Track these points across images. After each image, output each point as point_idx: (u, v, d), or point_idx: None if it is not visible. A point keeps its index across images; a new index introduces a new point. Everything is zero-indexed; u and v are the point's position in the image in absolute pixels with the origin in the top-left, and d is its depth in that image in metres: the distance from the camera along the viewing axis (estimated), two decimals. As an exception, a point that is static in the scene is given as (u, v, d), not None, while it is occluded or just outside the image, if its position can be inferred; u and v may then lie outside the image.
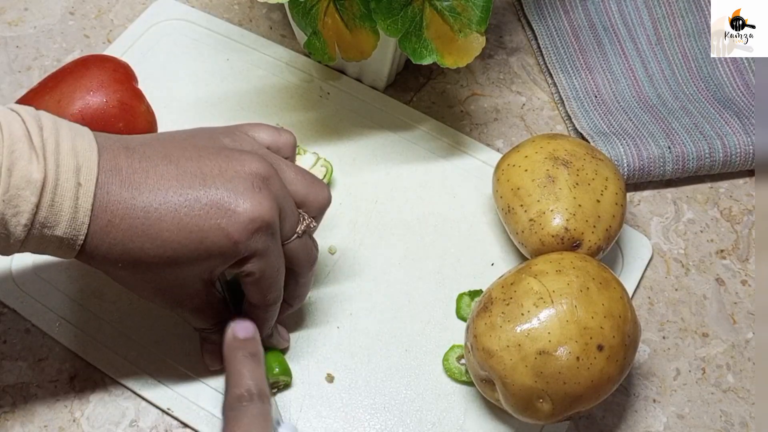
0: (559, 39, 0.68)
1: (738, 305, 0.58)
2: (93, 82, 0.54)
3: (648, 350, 0.55)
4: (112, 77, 0.54)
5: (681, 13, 0.69)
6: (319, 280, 0.55)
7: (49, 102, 0.53)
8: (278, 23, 0.69)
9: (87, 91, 0.53)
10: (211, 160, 0.43)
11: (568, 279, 0.46)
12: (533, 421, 0.47)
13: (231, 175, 0.42)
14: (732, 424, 0.53)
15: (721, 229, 0.61)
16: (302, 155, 0.58)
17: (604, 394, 0.46)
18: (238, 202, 0.41)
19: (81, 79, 0.54)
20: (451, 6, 0.52)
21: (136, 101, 0.55)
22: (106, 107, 0.53)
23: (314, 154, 0.59)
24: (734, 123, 0.63)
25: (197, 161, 0.42)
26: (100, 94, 0.53)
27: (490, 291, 0.48)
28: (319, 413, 0.51)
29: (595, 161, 0.53)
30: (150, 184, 0.41)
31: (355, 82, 0.65)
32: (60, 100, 0.53)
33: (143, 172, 0.41)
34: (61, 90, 0.53)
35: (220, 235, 0.41)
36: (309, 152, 0.59)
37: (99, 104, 0.53)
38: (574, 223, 0.51)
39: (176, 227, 0.40)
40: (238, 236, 0.41)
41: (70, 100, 0.53)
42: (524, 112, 0.66)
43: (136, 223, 0.40)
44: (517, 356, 0.45)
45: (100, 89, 0.53)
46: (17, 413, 0.50)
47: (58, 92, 0.53)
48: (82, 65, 0.56)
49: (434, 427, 0.51)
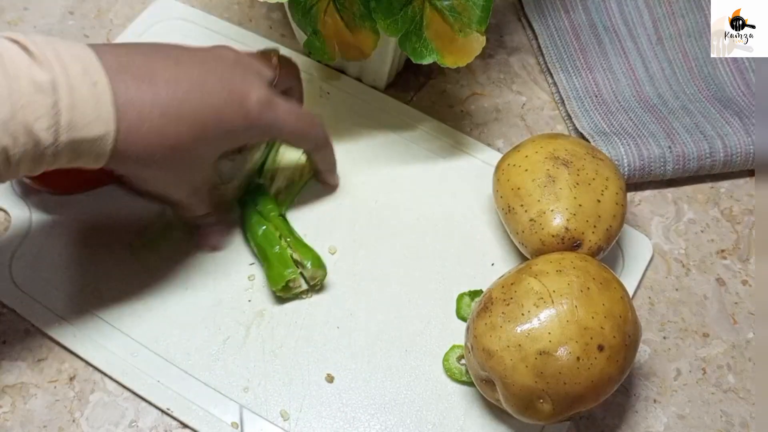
0: (559, 39, 0.68)
1: (738, 305, 0.58)
2: None
3: (648, 350, 0.55)
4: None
5: (681, 13, 0.69)
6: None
7: None
8: (278, 23, 0.69)
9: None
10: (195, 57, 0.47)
11: (569, 279, 0.46)
12: (533, 422, 0.47)
13: (231, 64, 0.48)
14: (732, 425, 0.53)
15: (721, 229, 0.61)
16: (304, 157, 0.58)
17: (605, 395, 0.46)
18: (248, 89, 0.47)
19: None
20: (451, 5, 0.52)
21: None
22: None
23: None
24: (735, 123, 0.63)
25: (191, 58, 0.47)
26: None
27: (490, 291, 0.48)
28: (319, 413, 0.50)
29: (596, 161, 0.53)
30: (162, 75, 0.43)
31: (355, 82, 0.65)
32: None
33: (148, 67, 0.43)
34: None
35: (239, 114, 0.46)
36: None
37: None
38: (574, 222, 0.51)
39: (201, 106, 0.44)
40: (253, 114, 0.47)
41: None
42: (524, 111, 0.66)
43: (169, 110, 0.42)
44: (517, 356, 0.45)
45: None
46: (17, 413, 0.50)
47: None
48: None
49: (434, 427, 0.50)
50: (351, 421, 0.50)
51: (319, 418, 0.50)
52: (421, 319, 0.54)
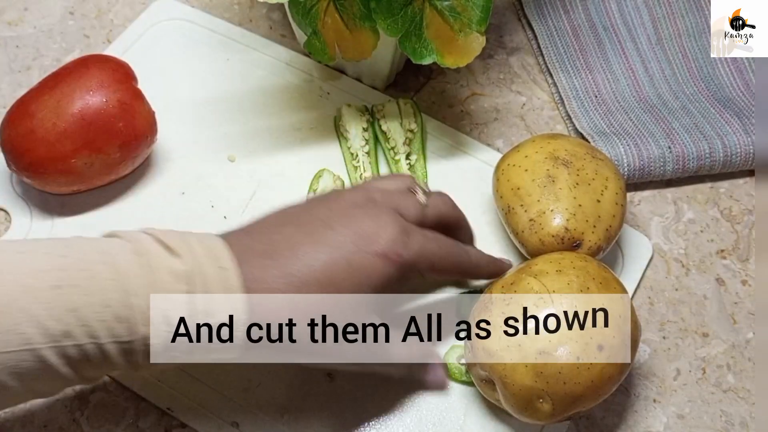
0: (559, 39, 0.68)
1: (738, 305, 0.58)
2: (92, 82, 0.53)
3: (648, 350, 0.55)
4: (111, 77, 0.54)
5: (681, 13, 0.69)
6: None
7: (48, 102, 0.53)
8: (278, 23, 0.69)
9: (87, 91, 0.53)
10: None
11: (569, 279, 0.46)
12: (533, 422, 0.47)
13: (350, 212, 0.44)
14: (732, 424, 0.53)
15: (721, 229, 0.61)
16: (322, 176, 0.59)
17: (605, 395, 0.46)
18: (377, 229, 0.43)
19: (80, 78, 0.54)
20: (451, 6, 0.52)
21: (136, 101, 0.55)
22: (105, 107, 0.53)
23: (330, 173, 0.59)
24: (734, 123, 0.63)
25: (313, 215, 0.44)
26: (99, 93, 0.53)
27: (490, 291, 0.48)
28: (319, 413, 0.50)
29: (596, 161, 0.53)
30: (283, 245, 0.42)
31: (355, 82, 0.65)
32: (60, 99, 0.53)
33: (269, 239, 0.42)
34: (61, 90, 0.53)
35: (370, 258, 0.42)
36: (325, 171, 0.59)
37: (99, 104, 0.53)
38: (574, 223, 0.51)
39: (327, 262, 0.41)
40: (391, 254, 0.43)
41: (69, 100, 0.53)
42: (524, 111, 0.66)
43: (292, 279, 0.41)
44: (517, 356, 0.44)
45: (99, 89, 0.53)
46: (17, 413, 0.50)
47: (57, 92, 0.53)
48: (81, 65, 0.55)
49: (434, 427, 0.50)
50: (351, 421, 0.50)
51: (319, 418, 0.50)
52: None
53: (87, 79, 0.54)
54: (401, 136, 0.60)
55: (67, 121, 0.52)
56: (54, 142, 0.52)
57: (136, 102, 0.55)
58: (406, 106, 0.62)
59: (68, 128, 0.52)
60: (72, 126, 0.52)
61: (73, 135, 0.52)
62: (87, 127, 0.52)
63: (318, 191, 0.58)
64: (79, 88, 0.53)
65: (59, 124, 0.52)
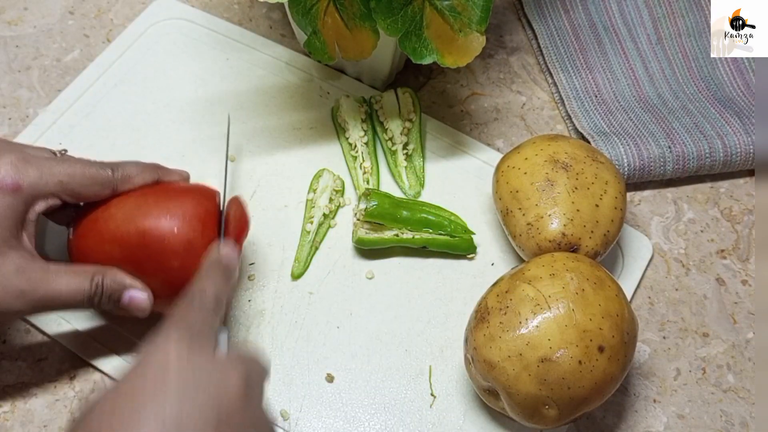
0: (559, 38, 0.68)
1: (738, 305, 0.58)
2: (176, 211, 0.48)
3: (648, 350, 0.55)
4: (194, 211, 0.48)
5: (681, 13, 0.69)
6: (320, 280, 0.55)
7: (126, 203, 0.48)
8: (278, 23, 0.69)
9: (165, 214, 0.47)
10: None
11: (563, 282, 0.46)
12: (540, 427, 0.47)
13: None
14: (732, 424, 0.53)
15: (721, 228, 0.61)
16: (322, 176, 0.59)
17: (608, 394, 0.46)
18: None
19: (169, 201, 0.48)
20: (451, 5, 0.52)
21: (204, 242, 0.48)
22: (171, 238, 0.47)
23: (330, 173, 0.59)
24: (734, 123, 0.63)
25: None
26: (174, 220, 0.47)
27: (485, 300, 0.48)
28: (319, 413, 0.51)
29: (596, 164, 0.53)
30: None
31: (355, 82, 0.65)
32: (137, 206, 0.48)
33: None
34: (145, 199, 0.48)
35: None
36: (325, 171, 0.59)
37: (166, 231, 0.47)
38: (571, 228, 0.51)
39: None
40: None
41: (142, 213, 0.48)
42: (524, 111, 0.66)
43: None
44: (519, 366, 0.44)
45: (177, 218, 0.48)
46: (17, 413, 0.50)
47: (139, 199, 0.48)
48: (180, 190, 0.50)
49: (434, 427, 0.51)
50: (351, 421, 0.50)
51: (319, 418, 0.50)
52: (420, 319, 0.54)
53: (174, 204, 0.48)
54: (399, 127, 0.60)
55: (128, 232, 0.47)
56: (105, 242, 0.47)
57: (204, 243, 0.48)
58: (405, 95, 0.62)
59: (124, 239, 0.47)
60: (130, 239, 0.47)
61: (124, 246, 0.47)
62: (142, 247, 0.47)
63: (318, 191, 0.58)
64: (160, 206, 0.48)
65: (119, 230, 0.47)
